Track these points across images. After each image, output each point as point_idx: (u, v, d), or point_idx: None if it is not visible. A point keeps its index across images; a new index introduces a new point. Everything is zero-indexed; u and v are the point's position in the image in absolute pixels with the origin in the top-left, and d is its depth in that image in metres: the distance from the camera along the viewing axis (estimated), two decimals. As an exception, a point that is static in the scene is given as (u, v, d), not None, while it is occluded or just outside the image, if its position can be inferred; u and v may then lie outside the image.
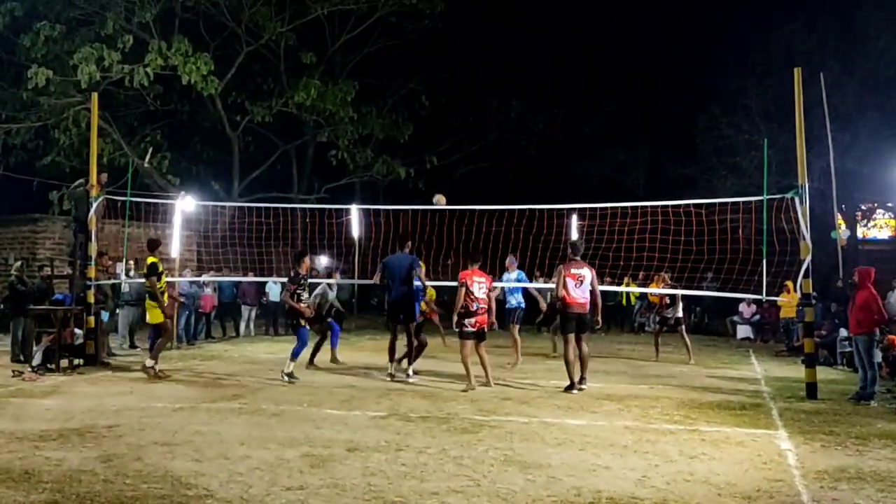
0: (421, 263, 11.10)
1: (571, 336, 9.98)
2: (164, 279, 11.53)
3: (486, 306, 10.13)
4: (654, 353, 13.97)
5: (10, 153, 22.10)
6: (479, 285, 10.06)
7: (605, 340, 18.40)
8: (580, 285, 9.94)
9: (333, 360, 12.67)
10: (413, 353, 10.98)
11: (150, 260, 11.19)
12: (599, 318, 10.32)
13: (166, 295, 11.59)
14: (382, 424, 7.79)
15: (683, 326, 13.93)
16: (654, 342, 14.11)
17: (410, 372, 10.89)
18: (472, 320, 9.99)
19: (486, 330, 10.24)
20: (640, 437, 7.32)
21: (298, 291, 10.95)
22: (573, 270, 9.97)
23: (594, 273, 10.16)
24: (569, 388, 9.81)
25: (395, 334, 11.02)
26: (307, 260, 11.43)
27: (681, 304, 13.71)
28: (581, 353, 10.08)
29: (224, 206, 18.80)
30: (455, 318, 10.06)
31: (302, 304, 10.96)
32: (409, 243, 11.26)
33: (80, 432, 7.19)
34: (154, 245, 11.55)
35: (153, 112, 23.35)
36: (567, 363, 9.94)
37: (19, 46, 19.52)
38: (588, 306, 10.03)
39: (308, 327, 11.04)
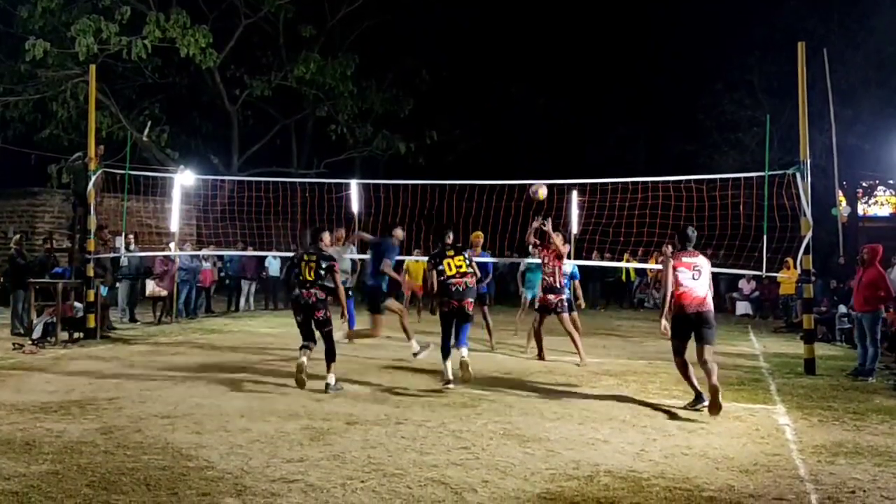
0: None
1: (683, 345, 7.57)
2: None
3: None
4: (655, 330, 14.01)
5: (9, 126, 21.96)
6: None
7: (604, 316, 18.45)
8: (699, 276, 7.52)
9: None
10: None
11: None
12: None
13: None
14: (382, 398, 7.82)
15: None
16: None
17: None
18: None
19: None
20: (638, 411, 7.36)
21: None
22: (685, 259, 7.59)
23: (710, 265, 7.81)
24: (694, 402, 7.55)
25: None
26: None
27: None
28: (707, 367, 7.31)
29: (223, 181, 18.74)
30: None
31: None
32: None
33: (80, 404, 7.22)
34: None
35: (152, 85, 23.18)
36: (684, 376, 7.71)
37: (17, 18, 19.33)
38: (709, 303, 7.57)
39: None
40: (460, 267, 8.61)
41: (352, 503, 4.63)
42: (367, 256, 13.76)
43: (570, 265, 11.46)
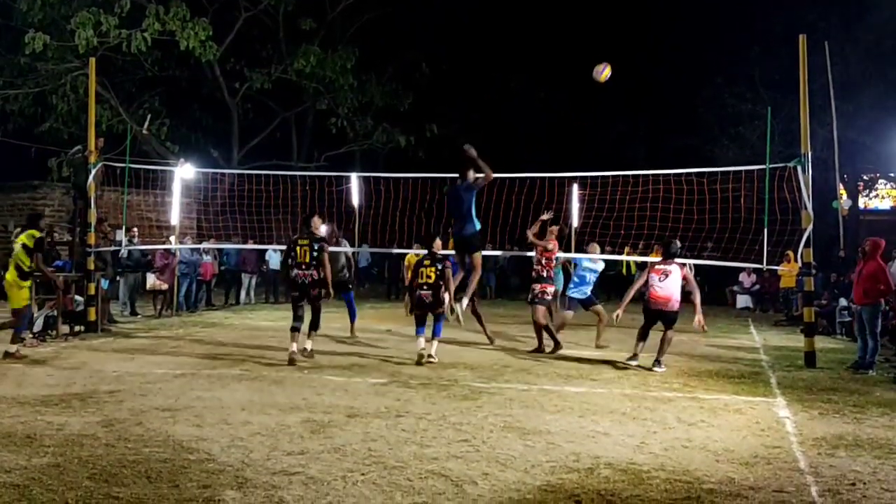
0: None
1: (646, 326, 9.83)
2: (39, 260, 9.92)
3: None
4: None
5: (9, 120, 21.93)
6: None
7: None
8: (664, 279, 9.60)
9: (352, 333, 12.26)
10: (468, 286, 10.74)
11: (37, 234, 9.82)
12: (700, 318, 9.64)
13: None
14: (383, 391, 7.83)
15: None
16: None
17: (465, 302, 10.31)
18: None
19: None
20: (638, 404, 7.36)
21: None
22: (659, 267, 9.73)
23: (686, 271, 9.80)
24: (629, 359, 9.70)
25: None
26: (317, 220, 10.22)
27: None
28: (664, 339, 9.66)
29: (223, 174, 18.72)
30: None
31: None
32: (471, 171, 10.48)
33: (81, 397, 7.23)
34: (37, 218, 10.28)
35: (151, 78, 23.13)
36: (638, 337, 9.85)
37: (16, 11, 19.30)
38: (673, 304, 9.59)
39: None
40: (430, 278, 9.55)
41: (352, 496, 4.63)
42: (363, 249, 13.83)
43: (600, 263, 11.83)
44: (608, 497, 4.68)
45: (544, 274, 10.67)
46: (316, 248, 9.49)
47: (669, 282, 9.57)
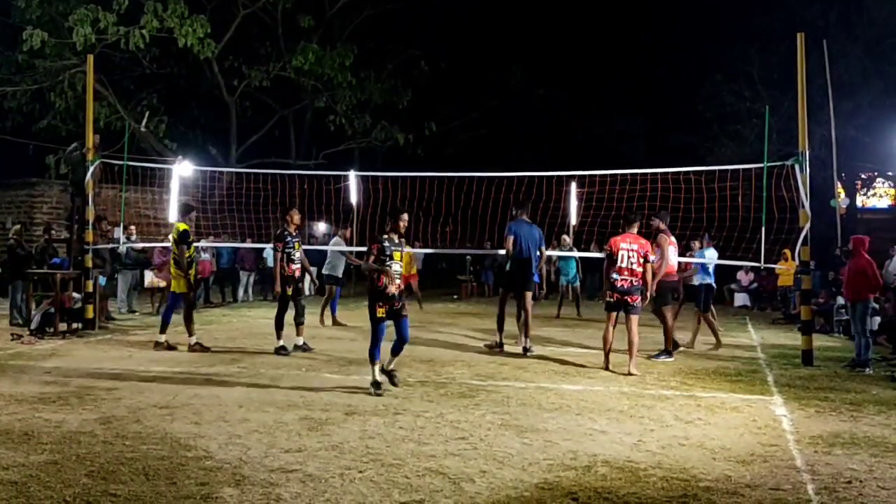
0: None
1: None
2: (193, 248, 10.61)
3: (632, 277, 8.95)
4: (653, 322, 14.04)
5: (6, 117, 21.94)
6: (628, 253, 8.99)
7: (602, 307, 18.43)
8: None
9: (335, 322, 13.35)
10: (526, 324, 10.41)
11: (182, 227, 10.30)
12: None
13: (195, 267, 10.61)
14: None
15: None
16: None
17: (528, 344, 10.39)
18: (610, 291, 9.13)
19: (633, 304, 9.01)
20: (636, 402, 7.37)
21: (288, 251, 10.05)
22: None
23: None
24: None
25: (504, 305, 10.63)
26: (295, 214, 10.44)
27: None
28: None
29: (222, 172, 18.70)
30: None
31: (294, 266, 10.21)
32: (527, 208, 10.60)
33: (79, 395, 7.23)
34: (187, 210, 10.79)
35: (150, 76, 23.11)
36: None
37: (14, 8, 19.27)
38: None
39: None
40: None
41: (350, 493, 4.64)
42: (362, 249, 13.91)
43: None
44: (605, 495, 4.68)
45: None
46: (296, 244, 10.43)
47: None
